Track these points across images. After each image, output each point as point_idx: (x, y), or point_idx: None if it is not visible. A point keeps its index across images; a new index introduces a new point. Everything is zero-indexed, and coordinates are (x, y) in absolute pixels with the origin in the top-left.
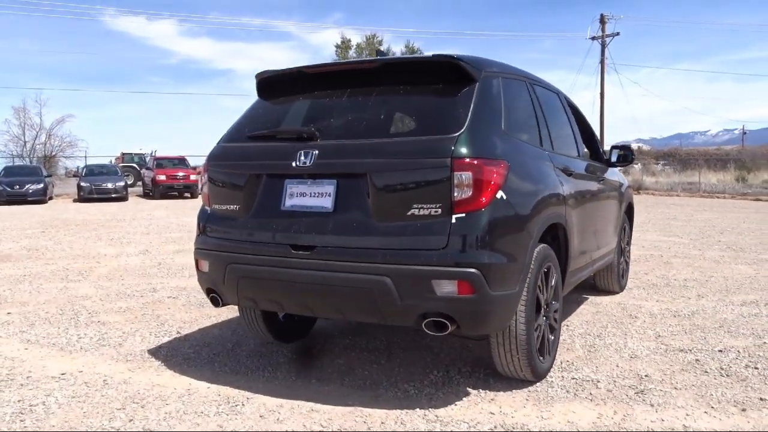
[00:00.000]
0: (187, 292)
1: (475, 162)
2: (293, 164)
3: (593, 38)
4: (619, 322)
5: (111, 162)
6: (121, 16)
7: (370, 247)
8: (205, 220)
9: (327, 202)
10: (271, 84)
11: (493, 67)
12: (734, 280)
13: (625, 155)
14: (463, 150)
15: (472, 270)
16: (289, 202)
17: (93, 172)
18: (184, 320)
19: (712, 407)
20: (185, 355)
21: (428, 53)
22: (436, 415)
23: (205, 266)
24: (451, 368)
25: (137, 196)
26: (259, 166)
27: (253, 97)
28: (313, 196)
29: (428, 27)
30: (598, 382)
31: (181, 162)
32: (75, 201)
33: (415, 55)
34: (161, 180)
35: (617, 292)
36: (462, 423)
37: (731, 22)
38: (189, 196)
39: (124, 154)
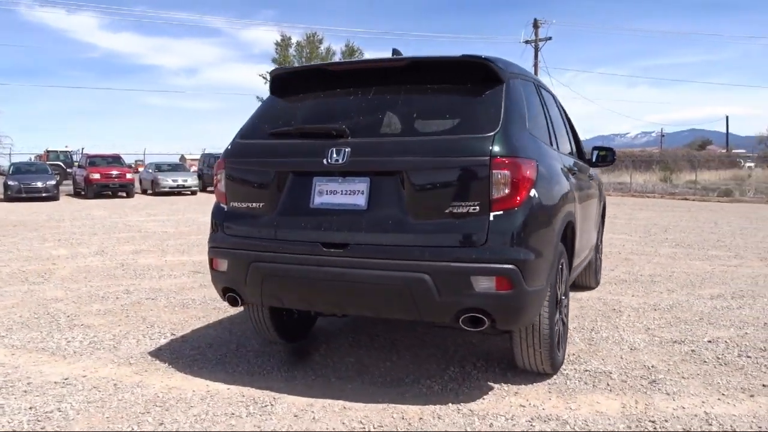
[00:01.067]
0: (165, 294)
1: (512, 161)
2: (324, 162)
3: (527, 42)
4: (607, 317)
5: (32, 160)
6: (37, 7)
7: (406, 244)
8: (222, 217)
9: (360, 200)
10: (288, 81)
11: (515, 69)
12: (695, 275)
13: (606, 156)
14: (501, 149)
15: (510, 266)
16: (318, 200)
17: (20, 170)
18: (173, 322)
19: (723, 394)
20: (190, 356)
21: (457, 54)
22: (470, 410)
23: (222, 265)
24: (466, 364)
25: (68, 195)
26: (287, 164)
27: (191, 96)
28: (344, 194)
29: (360, 26)
30: (611, 373)
31: (115, 160)
32: (1, 200)
33: (444, 55)
34: (95, 179)
35: (593, 288)
36: (498, 416)
37: (648, 29)
38: (125, 195)
39: (48, 151)
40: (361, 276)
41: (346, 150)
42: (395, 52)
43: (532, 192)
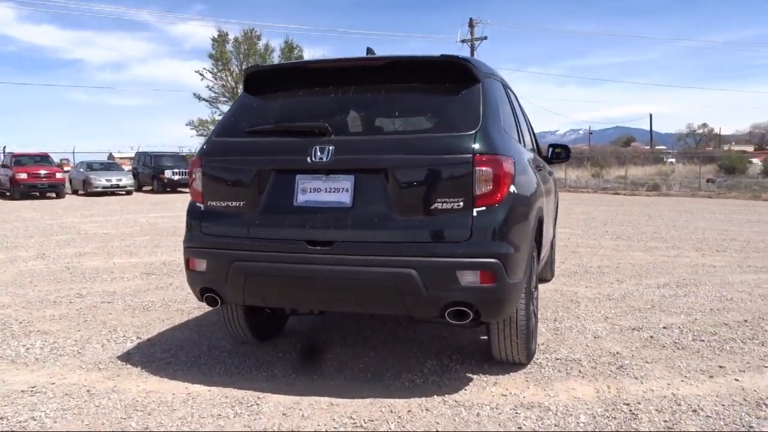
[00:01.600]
0: (121, 297)
1: (494, 158)
2: (308, 160)
3: (463, 41)
4: (566, 307)
5: None
6: None
7: (393, 240)
8: (198, 217)
9: (345, 198)
10: (264, 79)
11: (488, 69)
12: (640, 266)
13: (560, 153)
14: (482, 146)
15: (494, 260)
16: (302, 198)
17: None
18: (136, 325)
19: (686, 377)
20: (162, 359)
21: (435, 54)
22: (455, 401)
23: (200, 265)
24: (442, 356)
25: None
26: (268, 162)
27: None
28: (329, 192)
29: (296, 22)
30: (580, 361)
31: (43, 159)
32: None
33: (423, 54)
34: (22, 179)
35: (549, 280)
36: (483, 406)
37: (576, 30)
38: (54, 196)
39: None
40: (347, 273)
41: (330, 148)
42: (369, 51)
43: (512, 188)
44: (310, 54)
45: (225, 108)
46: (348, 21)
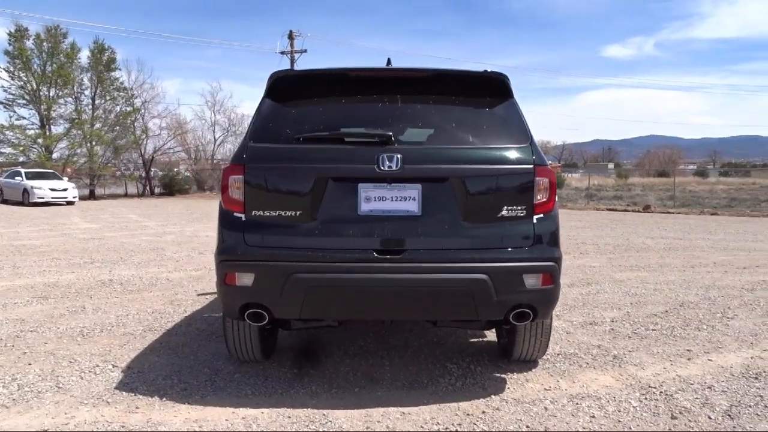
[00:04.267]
0: (38, 324)
1: (547, 169)
2: (376, 168)
3: (283, 53)
4: None
5: None
6: None
7: (464, 247)
8: (240, 228)
9: (413, 206)
10: (294, 84)
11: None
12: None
13: None
14: (537, 158)
15: (552, 263)
16: (366, 207)
17: None
18: (93, 353)
19: (670, 361)
20: (170, 386)
21: (478, 69)
22: (513, 398)
23: (244, 279)
24: (455, 361)
25: None
26: (329, 170)
27: None
28: (395, 201)
29: (103, 22)
30: (578, 354)
31: None
32: None
33: (466, 69)
34: None
35: None
36: (542, 401)
37: (382, 48)
38: None
39: None
40: (420, 281)
41: (398, 157)
42: (389, 62)
43: (556, 197)
44: (123, 55)
45: (24, 112)
46: (160, 24)
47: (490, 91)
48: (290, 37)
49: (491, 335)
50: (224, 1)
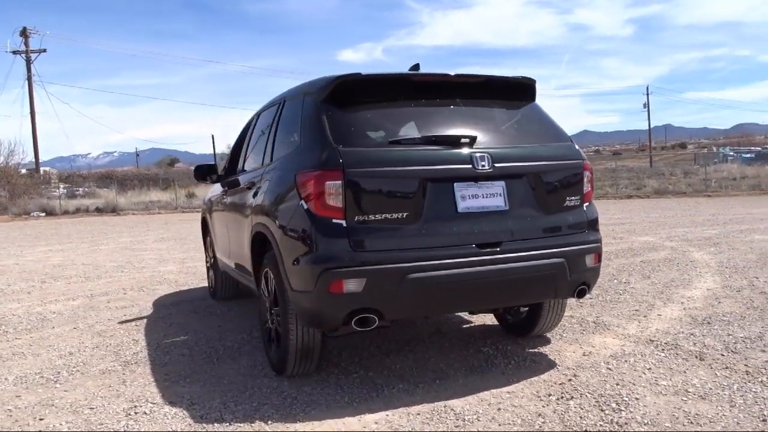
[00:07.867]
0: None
1: (588, 163)
2: (472, 168)
3: (15, 52)
4: None
5: None
6: None
7: (545, 235)
8: (342, 234)
9: (500, 202)
10: (357, 88)
11: None
12: None
13: None
14: (581, 154)
15: (599, 244)
16: (463, 204)
17: None
18: (121, 390)
19: (645, 316)
20: (261, 403)
21: (516, 75)
22: (571, 365)
23: (353, 286)
24: (488, 346)
25: None
26: (431, 171)
27: None
28: (485, 197)
29: None
30: (573, 321)
31: None
32: None
33: (506, 75)
34: None
35: None
36: (589, 366)
37: (109, 50)
38: None
39: None
40: (517, 269)
41: (488, 156)
42: (418, 67)
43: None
44: None
45: None
46: None
47: (524, 94)
48: (24, 34)
49: (479, 319)
50: None
